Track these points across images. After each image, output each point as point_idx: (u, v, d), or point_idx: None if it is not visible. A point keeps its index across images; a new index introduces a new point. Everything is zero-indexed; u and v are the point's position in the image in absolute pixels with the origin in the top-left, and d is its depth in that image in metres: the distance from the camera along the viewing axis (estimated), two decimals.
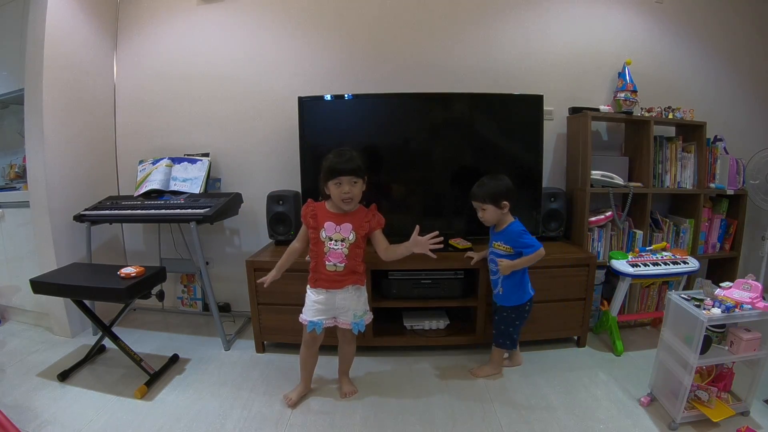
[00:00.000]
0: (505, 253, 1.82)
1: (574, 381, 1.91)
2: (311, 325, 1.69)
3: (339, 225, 1.65)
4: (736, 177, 2.50)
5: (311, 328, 1.69)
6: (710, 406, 1.56)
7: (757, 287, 1.54)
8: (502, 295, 1.87)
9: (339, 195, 1.61)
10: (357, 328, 1.72)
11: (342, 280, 1.67)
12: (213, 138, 2.65)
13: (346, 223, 1.66)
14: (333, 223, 1.65)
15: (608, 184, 2.34)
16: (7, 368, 2.05)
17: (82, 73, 2.46)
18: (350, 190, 1.60)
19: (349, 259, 1.65)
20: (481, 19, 2.53)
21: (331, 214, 1.67)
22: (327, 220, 1.66)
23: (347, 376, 1.88)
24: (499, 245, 1.84)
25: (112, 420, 1.65)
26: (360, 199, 1.68)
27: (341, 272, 1.66)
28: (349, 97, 2.28)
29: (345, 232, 1.65)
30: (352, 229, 1.66)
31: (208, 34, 2.59)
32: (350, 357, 1.86)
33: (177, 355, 2.13)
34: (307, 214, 1.68)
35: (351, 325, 1.71)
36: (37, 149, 2.25)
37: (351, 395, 1.81)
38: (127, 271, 1.87)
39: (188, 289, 2.80)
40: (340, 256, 1.64)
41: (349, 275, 1.68)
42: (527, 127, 2.26)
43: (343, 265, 1.65)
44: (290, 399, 1.75)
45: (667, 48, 2.60)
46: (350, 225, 1.66)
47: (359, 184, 1.63)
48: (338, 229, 1.65)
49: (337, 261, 1.65)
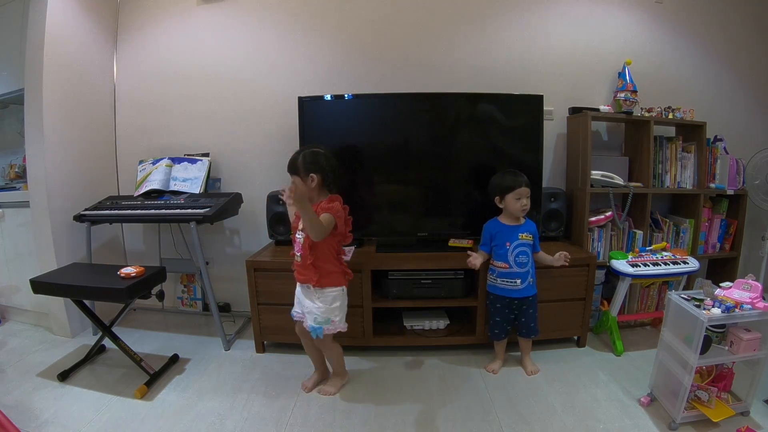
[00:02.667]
0: (529, 242, 1.92)
1: (574, 381, 1.91)
2: (292, 314, 1.81)
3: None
4: (736, 177, 2.49)
5: (293, 318, 1.81)
6: (710, 406, 1.56)
7: (757, 287, 1.53)
8: (533, 283, 1.93)
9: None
10: (314, 332, 1.71)
11: (302, 273, 1.71)
12: (213, 138, 2.65)
13: None
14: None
15: (608, 184, 2.34)
16: (7, 368, 2.05)
17: (82, 73, 2.46)
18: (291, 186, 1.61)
19: (304, 250, 1.67)
20: (481, 19, 2.53)
21: None
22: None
23: (335, 377, 1.89)
24: (525, 236, 1.91)
25: (112, 420, 1.65)
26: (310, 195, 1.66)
27: (300, 263, 1.71)
28: (349, 97, 2.28)
29: None
30: None
31: (208, 34, 2.59)
32: (329, 359, 1.88)
33: (177, 355, 2.13)
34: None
35: (309, 327, 1.72)
36: (37, 149, 2.25)
37: (324, 393, 1.83)
38: (127, 271, 1.87)
39: (188, 289, 2.80)
40: (299, 245, 1.70)
41: (305, 270, 1.68)
42: (527, 127, 2.26)
43: (300, 254, 1.70)
44: (305, 386, 1.86)
45: (667, 48, 2.60)
46: None
47: (296, 180, 1.66)
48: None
49: (297, 250, 1.72)
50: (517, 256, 1.89)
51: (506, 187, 1.89)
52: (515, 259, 1.89)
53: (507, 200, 1.89)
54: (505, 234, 1.92)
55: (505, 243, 1.90)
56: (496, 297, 1.96)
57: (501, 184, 1.91)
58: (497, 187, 1.92)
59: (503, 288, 1.92)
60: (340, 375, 1.89)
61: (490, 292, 1.99)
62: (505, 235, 1.91)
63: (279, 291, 2.04)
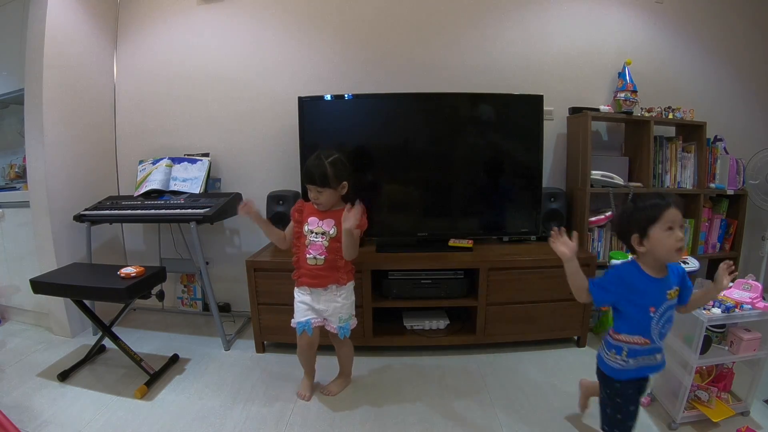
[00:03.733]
0: (675, 301, 1.25)
1: (574, 381, 1.90)
2: (300, 326, 1.70)
3: (322, 220, 1.68)
4: (736, 177, 2.49)
5: (301, 330, 1.70)
6: (710, 406, 1.56)
7: (757, 287, 1.54)
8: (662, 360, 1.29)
9: (310, 197, 1.68)
10: (343, 332, 1.73)
11: (323, 276, 1.68)
12: (213, 138, 2.65)
13: (328, 218, 1.68)
14: (316, 218, 1.69)
15: (608, 184, 2.34)
16: (7, 368, 2.05)
17: (82, 73, 2.46)
18: (317, 197, 1.66)
19: (329, 253, 1.66)
20: (481, 19, 2.53)
21: (316, 211, 1.70)
22: (311, 215, 1.70)
23: (343, 377, 1.88)
24: (674, 293, 1.23)
25: (112, 420, 1.65)
26: (335, 202, 1.69)
27: (321, 266, 1.67)
28: (349, 97, 2.28)
29: (327, 226, 1.67)
30: (335, 224, 1.66)
31: (208, 34, 2.59)
32: (345, 358, 1.86)
33: (177, 355, 2.13)
34: (295, 209, 1.75)
35: (337, 329, 1.72)
36: (37, 149, 2.25)
37: (326, 393, 1.81)
38: (127, 271, 1.87)
39: (188, 289, 2.80)
40: (320, 248, 1.66)
41: (330, 272, 1.68)
42: (527, 127, 2.26)
43: (323, 257, 1.66)
44: (305, 395, 1.79)
45: (667, 48, 2.60)
46: (333, 220, 1.67)
47: (326, 193, 1.64)
48: (321, 223, 1.68)
49: (317, 253, 1.66)
50: (663, 326, 1.23)
51: (648, 218, 1.17)
52: (660, 330, 1.23)
53: (653, 237, 1.16)
54: (650, 294, 1.21)
55: (649, 308, 1.20)
56: (629, 383, 1.28)
57: (638, 214, 1.19)
58: (633, 221, 1.20)
59: (638, 368, 1.26)
60: (347, 376, 1.89)
61: (615, 379, 1.27)
62: (651, 296, 1.21)
63: (279, 291, 2.04)
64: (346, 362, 1.88)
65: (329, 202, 1.67)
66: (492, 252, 2.24)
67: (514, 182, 2.32)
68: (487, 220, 2.36)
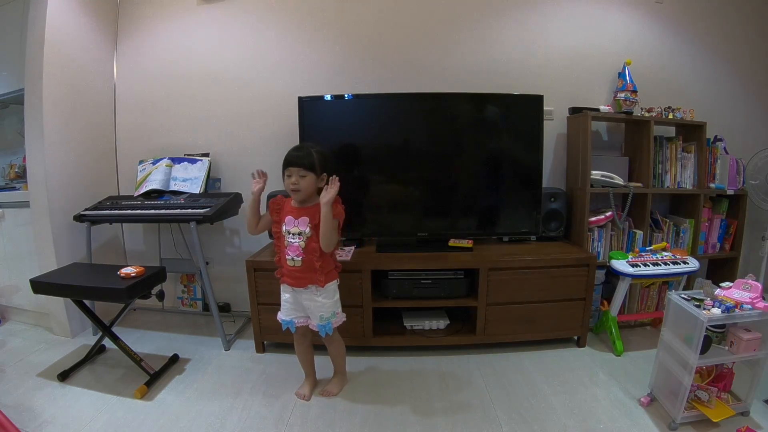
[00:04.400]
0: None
1: (574, 381, 1.91)
2: (284, 324, 1.76)
3: (297, 219, 1.66)
4: (736, 177, 2.49)
5: (285, 327, 1.75)
6: (710, 406, 1.56)
7: (757, 287, 1.53)
8: None
9: (287, 185, 1.65)
10: (324, 330, 1.72)
11: (301, 277, 1.67)
12: (213, 138, 2.65)
13: (303, 216, 1.65)
14: (292, 217, 1.67)
15: (608, 184, 2.34)
16: (7, 368, 2.05)
17: (82, 73, 2.46)
18: (297, 181, 1.62)
19: (306, 254, 1.64)
20: (481, 19, 2.53)
21: (292, 209, 1.69)
22: (288, 215, 1.68)
23: (338, 376, 1.89)
24: None
25: (112, 420, 1.65)
26: (311, 193, 1.66)
27: (299, 268, 1.66)
28: (349, 97, 2.29)
29: (302, 225, 1.65)
30: (309, 222, 1.64)
31: (208, 34, 2.59)
32: (336, 356, 1.86)
33: (177, 355, 2.13)
34: (273, 209, 1.72)
35: (317, 327, 1.72)
36: (37, 149, 2.25)
37: (326, 395, 1.82)
38: (127, 271, 1.87)
39: (188, 289, 2.80)
40: (297, 249, 1.65)
41: (308, 273, 1.66)
42: (527, 127, 2.26)
43: (300, 259, 1.65)
44: (303, 395, 1.80)
45: (667, 48, 2.60)
46: (307, 218, 1.65)
47: (308, 178, 1.63)
48: (296, 222, 1.66)
49: (295, 255, 1.65)
50: None
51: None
52: None
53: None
54: None
55: None
56: None
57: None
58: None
59: None
60: (343, 374, 1.89)
61: None
62: None
63: (279, 291, 2.03)
64: (337, 360, 1.88)
65: (308, 189, 1.64)
66: (492, 252, 2.24)
67: (514, 182, 2.32)
68: (487, 220, 2.36)
